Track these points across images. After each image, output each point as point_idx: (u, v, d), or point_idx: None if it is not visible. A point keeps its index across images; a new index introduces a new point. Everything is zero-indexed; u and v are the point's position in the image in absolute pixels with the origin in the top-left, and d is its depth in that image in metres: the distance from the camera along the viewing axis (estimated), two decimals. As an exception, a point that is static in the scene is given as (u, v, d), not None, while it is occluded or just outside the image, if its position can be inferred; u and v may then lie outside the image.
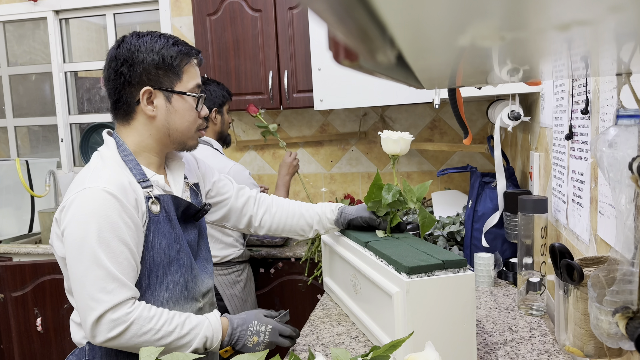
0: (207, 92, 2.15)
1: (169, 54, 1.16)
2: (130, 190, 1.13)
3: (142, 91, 1.16)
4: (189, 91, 1.20)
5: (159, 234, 1.17)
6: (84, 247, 1.06)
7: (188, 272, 1.23)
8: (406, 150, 1.43)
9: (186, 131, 1.22)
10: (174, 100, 1.19)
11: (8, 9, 3.19)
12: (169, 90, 1.18)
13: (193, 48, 1.22)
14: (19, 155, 3.42)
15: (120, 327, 1.05)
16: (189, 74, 1.20)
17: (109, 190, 1.08)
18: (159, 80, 1.17)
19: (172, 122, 1.20)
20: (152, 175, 1.20)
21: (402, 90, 2.24)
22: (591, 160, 1.15)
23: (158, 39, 1.17)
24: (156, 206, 1.17)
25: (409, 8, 0.20)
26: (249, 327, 1.21)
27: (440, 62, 0.38)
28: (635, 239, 0.64)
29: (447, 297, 1.10)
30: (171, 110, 1.19)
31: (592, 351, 0.83)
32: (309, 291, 2.40)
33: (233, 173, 2.09)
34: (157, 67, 1.16)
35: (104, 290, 1.05)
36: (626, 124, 0.69)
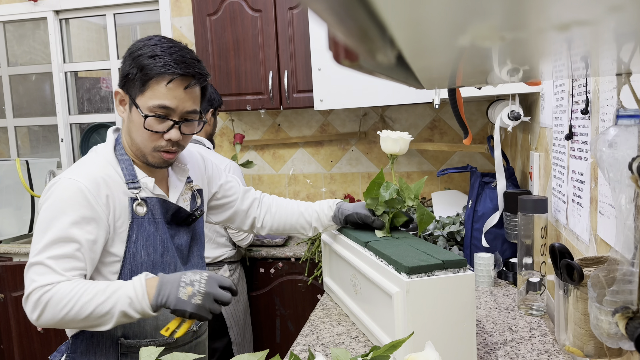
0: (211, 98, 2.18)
1: (141, 63, 1.13)
2: (104, 187, 1.14)
3: (114, 91, 1.20)
4: (148, 109, 1.14)
5: (143, 235, 1.18)
6: (39, 233, 1.10)
7: None
8: (405, 150, 1.44)
9: (141, 146, 1.19)
10: (133, 111, 1.17)
11: (8, 9, 3.19)
12: (131, 99, 1.17)
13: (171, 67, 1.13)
14: (19, 155, 3.42)
15: (39, 308, 1.06)
16: (154, 91, 1.14)
17: (78, 183, 1.11)
18: (128, 86, 1.17)
19: (131, 131, 1.19)
20: (143, 177, 1.21)
21: (402, 90, 2.24)
22: (591, 160, 1.15)
23: (147, 47, 1.15)
24: (142, 208, 1.18)
25: (409, 8, 0.20)
26: (182, 279, 1.08)
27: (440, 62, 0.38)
28: (635, 239, 0.64)
29: (447, 297, 1.10)
30: (131, 119, 1.19)
31: (592, 351, 0.83)
32: (309, 291, 2.40)
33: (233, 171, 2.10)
34: (129, 73, 1.16)
35: (36, 272, 1.08)
36: (626, 124, 0.69)
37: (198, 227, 1.35)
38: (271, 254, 2.41)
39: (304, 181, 2.95)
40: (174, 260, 1.24)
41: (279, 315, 2.46)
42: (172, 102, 1.15)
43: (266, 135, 2.96)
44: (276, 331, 2.48)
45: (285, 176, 2.97)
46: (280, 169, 2.97)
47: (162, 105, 1.14)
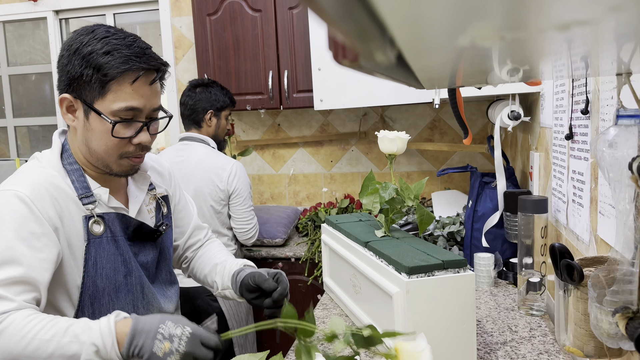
0: (208, 94, 2.16)
1: (94, 62, 0.97)
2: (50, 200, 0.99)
3: (59, 98, 1.03)
4: (112, 113, 0.99)
5: (102, 257, 1.04)
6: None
7: (138, 298, 1.11)
8: (403, 150, 1.44)
9: (105, 155, 1.03)
10: (91, 118, 1.01)
11: (8, 9, 3.19)
12: (87, 104, 1.00)
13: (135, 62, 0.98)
14: (19, 155, 3.42)
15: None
16: (117, 93, 0.99)
17: (20, 194, 0.96)
18: (80, 89, 1.00)
19: (90, 141, 1.03)
20: (96, 188, 1.06)
21: (402, 90, 2.24)
22: (591, 160, 1.15)
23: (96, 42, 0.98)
24: (99, 226, 1.04)
25: (408, 8, 0.20)
26: (159, 330, 0.91)
27: (440, 62, 0.38)
28: (635, 239, 0.64)
29: (447, 297, 1.10)
30: (88, 128, 1.02)
31: (592, 351, 0.83)
32: (309, 291, 2.40)
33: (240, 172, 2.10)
34: (80, 75, 0.98)
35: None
36: (626, 124, 0.69)
37: (166, 240, 1.21)
38: (271, 254, 2.41)
39: (304, 181, 2.95)
40: (140, 281, 1.10)
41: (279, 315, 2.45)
42: (140, 102, 1.01)
43: (266, 135, 2.96)
44: (276, 331, 2.48)
45: (285, 176, 2.97)
46: (280, 169, 2.97)
47: (129, 107, 1.00)
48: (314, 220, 2.60)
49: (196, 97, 2.16)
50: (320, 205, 2.68)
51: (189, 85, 2.22)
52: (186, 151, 2.11)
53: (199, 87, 2.19)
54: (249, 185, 2.15)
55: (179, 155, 2.10)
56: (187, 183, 2.04)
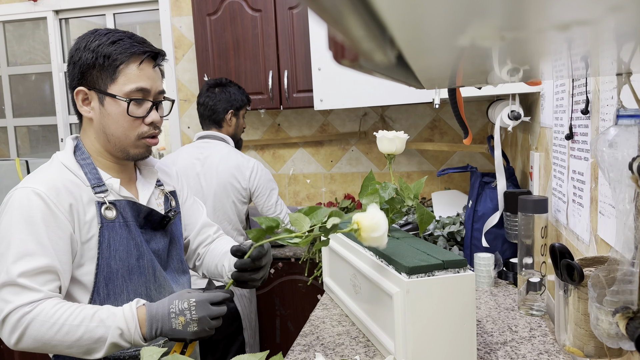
0: (227, 94, 2.19)
1: (103, 52, 1.09)
2: (66, 194, 1.08)
3: (75, 91, 1.13)
4: (125, 94, 1.11)
5: (115, 240, 1.12)
6: (2, 247, 1.03)
7: (150, 281, 1.17)
8: (402, 149, 1.44)
9: (123, 137, 1.14)
10: (107, 103, 1.12)
11: (8, 9, 3.19)
12: (101, 91, 1.12)
13: (138, 47, 1.12)
14: (19, 155, 3.42)
15: (19, 329, 0.99)
16: (126, 75, 1.11)
17: (37, 190, 1.05)
18: (92, 80, 1.11)
19: (107, 127, 1.14)
20: (108, 179, 1.15)
21: (402, 90, 2.24)
22: (591, 160, 1.15)
23: (100, 37, 1.11)
24: (111, 212, 1.12)
25: (409, 8, 0.20)
26: (171, 310, 1.03)
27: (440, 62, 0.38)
28: (636, 239, 0.64)
29: (447, 297, 1.10)
30: (104, 114, 1.13)
31: (592, 351, 0.83)
32: (309, 291, 2.40)
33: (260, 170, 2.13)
34: (92, 67, 1.10)
35: (11, 292, 1.00)
36: (626, 124, 0.69)
37: (175, 230, 1.28)
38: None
39: (304, 181, 2.95)
40: (152, 264, 1.17)
41: (279, 316, 2.46)
42: (147, 83, 1.13)
43: (266, 135, 2.96)
44: (276, 331, 2.48)
45: (285, 176, 2.97)
46: (280, 169, 2.97)
47: (139, 87, 1.12)
48: (314, 220, 2.60)
49: (216, 97, 2.19)
50: (320, 205, 2.68)
51: (207, 86, 2.23)
52: (208, 149, 2.13)
53: (217, 87, 2.21)
54: (271, 182, 2.18)
55: (201, 152, 2.12)
56: (210, 179, 2.07)
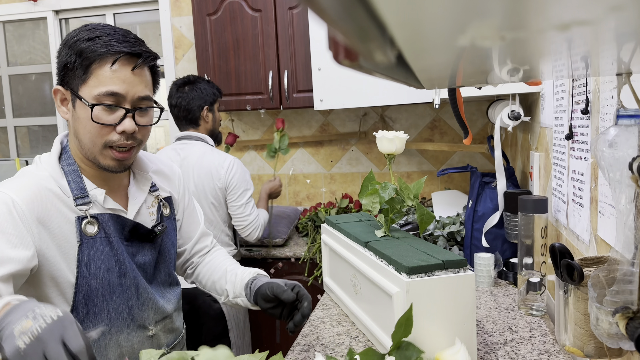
0: (198, 91, 2.14)
1: (79, 48, 0.99)
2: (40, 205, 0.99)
3: (53, 90, 1.05)
4: (94, 98, 0.99)
5: (96, 258, 1.04)
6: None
7: (133, 299, 1.10)
8: (401, 149, 1.44)
9: (90, 145, 1.03)
10: (77, 106, 1.02)
11: (8, 9, 3.19)
12: (74, 92, 1.02)
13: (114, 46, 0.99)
14: (19, 155, 3.42)
15: None
16: (98, 77, 0.99)
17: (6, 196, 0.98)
18: (67, 79, 1.02)
19: (77, 131, 1.04)
20: (92, 189, 1.06)
21: (402, 90, 2.24)
22: (591, 160, 1.15)
23: (83, 32, 1.01)
24: (92, 227, 1.04)
25: (408, 8, 0.20)
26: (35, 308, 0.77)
27: (440, 62, 0.38)
28: (636, 239, 0.64)
29: (447, 297, 1.10)
30: (75, 117, 1.03)
31: (592, 351, 0.83)
32: (309, 291, 2.40)
33: (236, 167, 2.09)
34: (66, 65, 1.01)
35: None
36: (626, 124, 0.69)
37: (166, 241, 1.20)
38: (271, 254, 2.41)
39: (304, 181, 2.95)
40: (135, 282, 1.10)
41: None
42: (121, 87, 1.00)
43: (266, 135, 2.96)
44: (276, 331, 2.48)
45: (285, 176, 2.97)
46: (280, 169, 2.97)
47: (109, 91, 0.99)
48: (314, 220, 2.60)
49: (187, 96, 2.13)
50: (320, 205, 2.68)
51: (175, 86, 2.17)
52: (186, 150, 2.12)
53: (186, 85, 2.16)
54: (246, 181, 2.13)
55: (178, 154, 2.11)
56: (188, 181, 2.04)
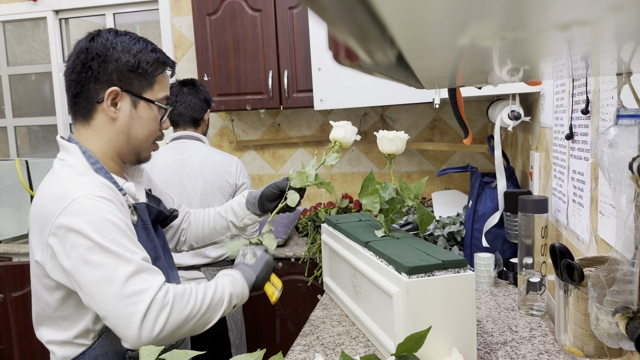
0: (202, 93, 2.17)
1: (145, 59, 1.12)
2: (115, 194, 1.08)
3: (109, 91, 1.10)
4: (158, 101, 1.16)
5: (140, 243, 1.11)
6: (101, 253, 0.99)
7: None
8: (402, 149, 1.44)
9: (144, 141, 1.17)
10: (140, 107, 1.14)
11: (8, 9, 3.19)
12: (138, 95, 1.13)
13: (169, 58, 1.19)
14: (19, 155, 3.42)
15: (166, 309, 1.01)
16: (161, 84, 1.17)
17: (100, 194, 1.03)
18: (129, 82, 1.12)
19: (133, 129, 1.15)
20: (123, 183, 1.14)
21: (402, 90, 2.24)
22: (591, 160, 1.15)
23: (137, 41, 1.13)
24: (134, 216, 1.13)
25: (409, 8, 0.20)
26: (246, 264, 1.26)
27: (440, 62, 0.38)
28: (636, 239, 0.64)
29: (447, 297, 1.10)
30: (134, 117, 1.14)
31: (592, 351, 0.83)
32: (309, 291, 2.40)
33: (242, 165, 2.16)
34: (131, 70, 1.11)
35: (140, 280, 1.00)
36: (626, 123, 0.69)
37: (161, 229, 1.31)
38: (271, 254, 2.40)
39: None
40: (164, 265, 1.19)
41: (279, 315, 2.46)
42: (168, 92, 1.21)
43: (266, 135, 2.96)
44: (276, 331, 2.48)
45: (285, 176, 2.97)
46: (280, 168, 2.97)
47: (165, 96, 1.19)
48: (314, 220, 2.60)
49: (194, 96, 2.16)
50: (320, 205, 2.68)
51: (180, 85, 2.18)
52: (186, 149, 2.12)
53: (184, 87, 2.18)
54: (249, 178, 2.21)
55: (180, 154, 2.10)
56: (195, 180, 2.06)
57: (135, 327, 0.98)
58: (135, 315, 0.98)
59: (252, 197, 1.41)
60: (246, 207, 1.41)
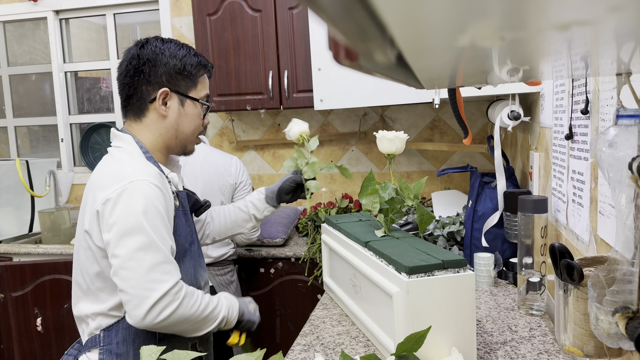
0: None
1: (190, 62, 1.27)
2: (165, 183, 1.22)
3: (161, 91, 1.25)
4: (200, 99, 1.31)
5: (179, 227, 1.25)
6: (142, 234, 1.12)
7: (197, 264, 1.32)
8: (402, 149, 1.44)
9: (190, 135, 1.32)
10: (187, 105, 1.29)
11: (8, 9, 3.19)
12: (184, 95, 1.28)
13: (209, 62, 1.35)
14: (19, 155, 3.42)
15: (175, 303, 1.14)
16: (202, 84, 1.32)
17: (154, 182, 1.17)
18: (176, 84, 1.27)
19: (181, 125, 1.30)
20: (168, 173, 1.28)
21: (402, 90, 2.24)
22: (591, 160, 1.15)
23: (181, 47, 1.28)
24: (176, 201, 1.27)
25: (408, 8, 0.20)
26: (245, 299, 1.40)
27: (440, 62, 0.38)
28: (635, 238, 0.64)
29: (447, 297, 1.10)
30: (182, 114, 1.29)
31: (592, 351, 0.83)
32: (309, 291, 2.40)
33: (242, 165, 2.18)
34: (178, 72, 1.26)
35: (164, 272, 1.13)
36: (626, 123, 0.69)
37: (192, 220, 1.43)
38: (271, 254, 2.41)
39: (304, 181, 2.95)
40: (198, 250, 1.33)
41: (279, 315, 2.46)
42: (208, 91, 1.36)
43: (266, 135, 2.96)
44: (276, 331, 2.48)
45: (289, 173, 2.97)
46: (280, 168, 2.97)
47: (207, 94, 1.35)
48: (314, 220, 2.60)
49: None
50: (320, 205, 2.68)
51: None
52: None
53: None
54: (249, 177, 2.23)
55: None
56: (195, 180, 2.07)
57: (143, 310, 1.11)
58: (148, 300, 1.11)
59: (270, 192, 1.58)
60: (266, 202, 1.59)
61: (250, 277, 2.44)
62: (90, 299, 1.23)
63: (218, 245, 2.10)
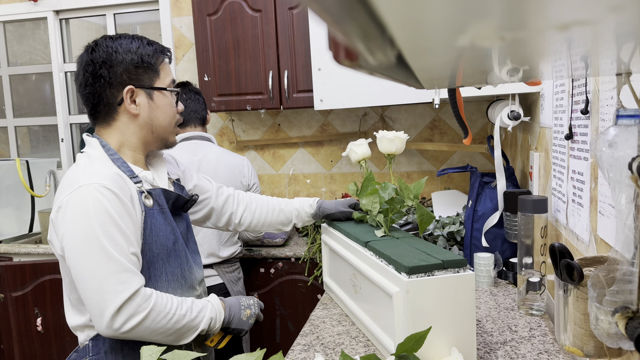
0: (199, 94, 2.21)
1: (146, 52, 1.21)
2: (124, 185, 1.15)
3: (126, 90, 1.19)
4: (168, 87, 1.25)
5: (156, 226, 1.19)
6: (91, 243, 1.07)
7: (184, 262, 1.27)
8: (402, 149, 1.44)
9: (167, 126, 1.27)
10: (155, 97, 1.23)
11: (8, 9, 3.19)
12: (150, 87, 1.22)
13: (164, 47, 1.28)
14: (19, 155, 3.42)
15: (140, 314, 1.08)
16: (165, 71, 1.25)
17: (105, 185, 1.10)
18: (139, 78, 1.21)
19: (155, 118, 1.24)
20: (140, 172, 1.22)
21: (402, 90, 2.24)
22: (591, 160, 1.15)
23: (132, 39, 1.22)
24: (149, 200, 1.20)
25: (408, 8, 0.20)
26: (241, 303, 1.31)
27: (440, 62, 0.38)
28: (635, 238, 0.64)
29: (447, 297, 1.10)
30: (153, 107, 1.23)
31: (592, 351, 0.83)
32: (309, 291, 2.40)
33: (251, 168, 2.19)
34: (137, 66, 1.20)
35: (118, 282, 1.07)
36: (626, 123, 0.69)
37: (187, 216, 1.38)
38: (271, 254, 2.41)
39: (304, 181, 2.95)
40: (183, 248, 1.27)
41: (279, 315, 2.46)
42: (173, 75, 1.29)
43: (266, 135, 2.96)
44: (276, 331, 2.48)
45: (285, 176, 2.97)
46: (280, 169, 2.97)
47: (173, 79, 1.28)
48: (314, 220, 2.60)
49: (199, 96, 2.20)
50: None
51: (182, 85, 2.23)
52: (200, 149, 2.12)
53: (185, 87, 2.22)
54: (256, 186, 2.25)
55: (194, 155, 2.10)
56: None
57: (104, 321, 1.07)
58: (107, 310, 1.06)
59: (321, 212, 1.59)
60: (312, 218, 1.60)
61: (250, 277, 2.44)
62: (74, 311, 1.20)
63: (227, 245, 2.11)
